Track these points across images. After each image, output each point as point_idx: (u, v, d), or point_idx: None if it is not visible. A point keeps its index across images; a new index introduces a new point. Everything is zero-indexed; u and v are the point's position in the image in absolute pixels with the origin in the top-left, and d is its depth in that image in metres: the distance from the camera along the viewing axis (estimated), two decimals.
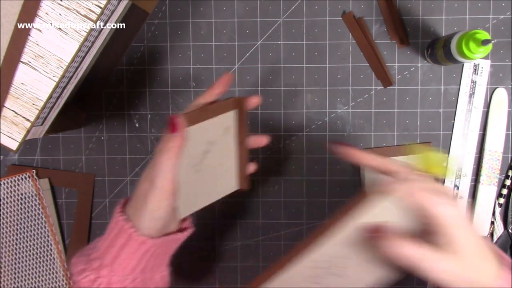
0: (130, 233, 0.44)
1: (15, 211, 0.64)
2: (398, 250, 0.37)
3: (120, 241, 0.45)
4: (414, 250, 0.37)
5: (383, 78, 0.62)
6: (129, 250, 0.44)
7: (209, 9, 0.62)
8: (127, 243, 0.44)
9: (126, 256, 0.44)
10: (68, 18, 0.47)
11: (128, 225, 0.44)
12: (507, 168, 0.62)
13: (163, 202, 0.44)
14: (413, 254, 0.37)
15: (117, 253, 0.45)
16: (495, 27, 0.61)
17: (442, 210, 0.37)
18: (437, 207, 0.37)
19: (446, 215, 0.37)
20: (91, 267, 0.45)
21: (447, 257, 0.37)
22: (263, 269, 0.57)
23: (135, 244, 0.44)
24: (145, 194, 0.44)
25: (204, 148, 0.48)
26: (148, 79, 0.63)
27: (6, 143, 0.50)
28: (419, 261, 0.37)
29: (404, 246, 0.37)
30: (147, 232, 0.44)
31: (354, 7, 0.62)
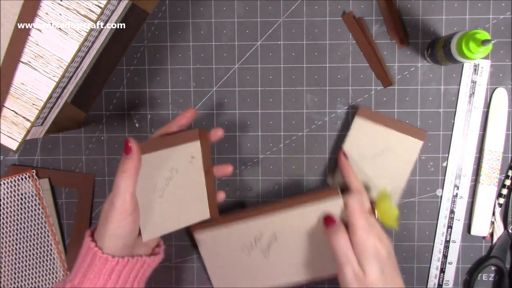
0: (95, 251, 0.46)
1: (15, 211, 0.64)
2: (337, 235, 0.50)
3: (87, 261, 0.47)
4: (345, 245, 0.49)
5: (383, 78, 0.62)
6: (95, 269, 0.46)
7: (209, 9, 0.62)
8: (93, 262, 0.46)
9: (93, 275, 0.46)
10: (68, 18, 0.47)
11: (93, 244, 0.47)
12: (507, 168, 0.62)
13: (123, 221, 0.46)
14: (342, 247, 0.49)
15: (84, 273, 0.47)
16: (495, 27, 0.61)
17: (359, 234, 0.50)
18: (357, 227, 0.50)
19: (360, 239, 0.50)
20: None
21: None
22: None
23: (100, 262, 0.46)
24: (107, 214, 0.47)
25: (168, 175, 0.51)
26: (148, 79, 0.63)
27: (6, 143, 0.50)
28: (340, 254, 0.49)
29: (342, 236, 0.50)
30: (110, 251, 0.46)
31: (354, 7, 0.62)
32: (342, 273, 0.49)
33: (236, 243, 0.57)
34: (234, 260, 0.57)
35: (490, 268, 0.63)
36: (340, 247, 0.49)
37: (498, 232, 0.63)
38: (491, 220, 0.63)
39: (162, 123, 0.64)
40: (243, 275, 0.57)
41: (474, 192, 0.63)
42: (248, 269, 0.57)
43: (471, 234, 0.63)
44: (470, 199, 0.63)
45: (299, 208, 0.54)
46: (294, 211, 0.54)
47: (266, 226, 0.55)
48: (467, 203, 0.63)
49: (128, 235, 0.47)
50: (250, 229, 0.56)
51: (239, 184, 0.64)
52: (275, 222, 0.55)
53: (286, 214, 0.54)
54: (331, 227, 0.51)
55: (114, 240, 0.46)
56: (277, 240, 0.55)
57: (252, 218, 0.56)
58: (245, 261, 0.57)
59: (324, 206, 0.53)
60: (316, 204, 0.53)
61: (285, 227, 0.55)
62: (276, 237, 0.55)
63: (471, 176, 0.62)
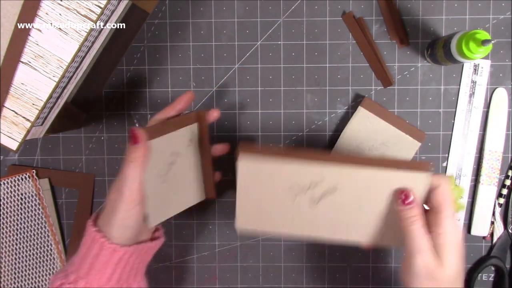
0: (101, 242, 0.45)
1: (15, 211, 0.64)
2: (414, 218, 0.45)
3: (93, 252, 0.46)
4: (420, 231, 0.44)
5: (383, 78, 0.62)
6: (103, 260, 0.45)
7: (209, 9, 0.62)
8: (99, 252, 0.45)
9: (100, 266, 0.46)
10: (68, 18, 0.47)
11: (100, 234, 0.46)
12: (507, 168, 0.62)
13: (131, 211, 0.45)
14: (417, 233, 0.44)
15: (91, 264, 0.46)
16: (495, 27, 0.61)
17: (450, 216, 0.45)
18: (449, 210, 0.45)
19: (449, 223, 0.44)
20: (68, 281, 0.46)
21: (431, 258, 0.44)
22: (264, 268, 0.58)
23: (107, 252, 0.45)
24: (114, 204, 0.46)
25: (170, 160, 0.50)
26: (148, 79, 0.63)
27: (6, 143, 0.50)
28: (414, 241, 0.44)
29: (418, 220, 0.45)
30: (118, 241, 0.46)
31: (354, 7, 0.62)
32: (410, 262, 0.44)
33: (286, 182, 0.49)
34: (274, 200, 0.50)
35: (490, 268, 0.63)
36: (414, 232, 0.44)
37: (498, 232, 0.63)
38: (491, 220, 0.63)
39: None
40: (276, 218, 0.51)
41: (474, 192, 0.63)
42: (286, 213, 0.51)
43: (471, 234, 0.63)
44: (470, 199, 0.63)
45: (376, 170, 0.47)
46: (370, 171, 0.47)
47: (330, 175, 0.48)
48: (467, 203, 0.63)
49: (135, 224, 0.46)
50: (310, 172, 0.48)
51: None
52: (342, 175, 0.48)
53: (359, 171, 0.47)
54: (407, 206, 0.45)
55: (122, 230, 0.46)
56: (335, 193, 0.49)
57: (318, 162, 0.48)
58: (286, 204, 0.50)
59: (406, 176, 0.46)
60: (397, 172, 0.46)
61: (352, 184, 0.48)
62: (335, 190, 0.49)
63: (471, 176, 0.62)
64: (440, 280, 0.43)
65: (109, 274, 0.46)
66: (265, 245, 0.65)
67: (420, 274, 0.44)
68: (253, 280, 0.65)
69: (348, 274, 0.64)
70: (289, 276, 0.65)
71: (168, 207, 0.52)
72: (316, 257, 0.64)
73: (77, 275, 0.46)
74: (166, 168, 0.50)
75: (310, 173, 0.48)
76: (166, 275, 0.65)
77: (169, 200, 0.52)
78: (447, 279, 0.43)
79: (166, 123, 0.50)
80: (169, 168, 0.51)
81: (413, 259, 0.44)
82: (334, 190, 0.49)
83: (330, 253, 0.64)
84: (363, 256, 0.64)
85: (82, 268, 0.46)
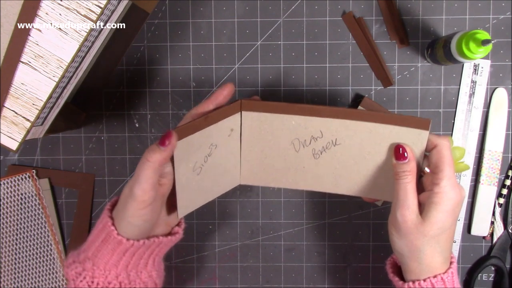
0: (109, 230, 0.45)
1: (15, 211, 0.64)
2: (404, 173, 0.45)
3: (101, 236, 0.46)
4: (408, 186, 0.45)
5: (383, 78, 0.62)
6: (108, 247, 0.45)
7: (209, 9, 0.62)
8: (106, 239, 0.46)
9: (106, 251, 0.46)
10: (68, 18, 0.47)
11: (110, 222, 0.46)
12: (507, 168, 0.62)
13: (140, 211, 0.45)
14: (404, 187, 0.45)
15: (98, 247, 0.46)
16: (495, 27, 0.61)
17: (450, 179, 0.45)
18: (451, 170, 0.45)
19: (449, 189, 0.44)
20: (78, 259, 0.47)
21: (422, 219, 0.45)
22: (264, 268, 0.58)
23: (114, 241, 0.45)
24: (125, 200, 0.45)
25: (207, 152, 0.48)
26: (148, 79, 0.63)
27: (6, 143, 0.50)
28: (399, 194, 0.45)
29: (409, 176, 0.45)
30: (126, 235, 0.45)
31: (354, 7, 0.62)
32: (395, 215, 0.46)
33: (287, 136, 0.50)
34: (277, 153, 0.51)
35: (490, 268, 0.63)
36: (402, 186, 0.45)
37: (498, 232, 0.63)
38: (491, 220, 0.63)
39: (162, 123, 0.64)
40: (279, 172, 0.52)
41: (474, 192, 0.63)
42: (289, 167, 0.51)
43: (471, 234, 0.63)
44: (470, 199, 0.63)
45: (376, 124, 0.47)
46: (369, 125, 0.47)
47: (331, 129, 0.49)
48: (467, 203, 0.63)
49: (144, 224, 0.46)
50: (311, 126, 0.49)
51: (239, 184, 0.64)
52: (342, 128, 0.48)
53: (359, 125, 0.48)
54: (402, 161, 0.46)
55: (131, 227, 0.45)
56: (335, 147, 0.49)
57: (318, 116, 0.48)
58: (289, 157, 0.51)
59: (404, 132, 0.46)
60: (397, 127, 0.46)
61: (351, 138, 0.48)
62: (336, 144, 0.49)
63: (471, 176, 0.62)
64: (419, 235, 0.45)
65: (115, 260, 0.46)
66: (265, 245, 0.65)
67: (400, 228, 0.45)
68: (253, 280, 0.65)
69: (348, 274, 0.64)
70: (289, 276, 0.65)
71: (200, 197, 0.51)
72: (316, 257, 0.65)
73: (85, 255, 0.46)
74: (202, 161, 0.48)
75: (311, 126, 0.49)
76: (166, 275, 0.65)
77: (201, 190, 0.50)
78: (428, 234, 0.44)
79: (208, 117, 0.47)
80: (205, 160, 0.48)
81: (395, 213, 0.45)
82: (334, 144, 0.49)
83: (330, 253, 0.64)
84: (363, 256, 0.64)
85: (90, 249, 0.46)
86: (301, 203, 0.64)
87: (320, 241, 0.64)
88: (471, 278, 0.63)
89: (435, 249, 0.45)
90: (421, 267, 0.45)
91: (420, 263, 0.45)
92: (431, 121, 0.45)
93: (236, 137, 0.51)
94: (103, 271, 0.46)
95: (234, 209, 0.64)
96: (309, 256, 0.65)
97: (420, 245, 0.45)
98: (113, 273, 0.46)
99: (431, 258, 0.45)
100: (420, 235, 0.45)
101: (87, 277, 0.46)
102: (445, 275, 0.45)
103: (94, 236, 0.47)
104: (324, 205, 0.64)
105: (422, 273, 0.45)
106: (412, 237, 0.45)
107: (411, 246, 0.45)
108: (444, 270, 0.46)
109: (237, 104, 0.49)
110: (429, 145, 0.46)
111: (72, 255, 0.48)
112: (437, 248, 0.45)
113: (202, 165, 0.48)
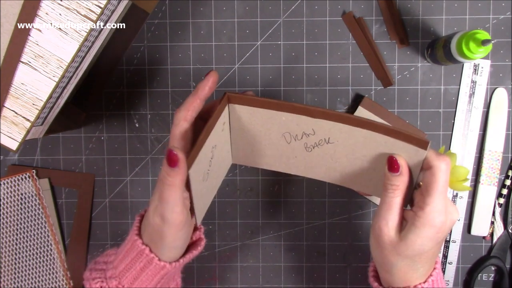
0: (150, 258, 0.44)
1: (15, 211, 0.64)
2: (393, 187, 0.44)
3: (139, 265, 0.44)
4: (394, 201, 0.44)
5: (383, 78, 0.62)
6: (149, 273, 0.45)
7: (209, 9, 0.62)
8: (147, 266, 0.44)
9: (146, 278, 0.45)
10: (68, 18, 0.47)
11: (147, 249, 0.44)
12: (507, 168, 0.62)
13: (179, 234, 0.43)
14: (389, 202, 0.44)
15: (136, 276, 0.45)
16: (495, 27, 0.61)
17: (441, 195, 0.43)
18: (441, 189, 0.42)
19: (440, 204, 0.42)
20: (105, 275, 0.46)
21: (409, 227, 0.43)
22: (264, 268, 0.58)
23: (156, 268, 0.44)
24: (159, 229, 0.43)
25: (210, 156, 0.47)
26: (148, 79, 0.63)
27: (6, 143, 0.50)
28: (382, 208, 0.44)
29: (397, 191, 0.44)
30: (168, 259, 0.45)
31: (354, 7, 0.62)
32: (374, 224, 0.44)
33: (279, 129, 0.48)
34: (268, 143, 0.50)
35: (490, 268, 0.63)
36: (388, 200, 0.44)
37: (498, 232, 0.63)
38: (491, 220, 0.63)
39: (162, 123, 0.64)
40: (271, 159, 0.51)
41: (474, 192, 0.63)
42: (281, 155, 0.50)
43: (471, 234, 0.63)
44: (470, 199, 0.63)
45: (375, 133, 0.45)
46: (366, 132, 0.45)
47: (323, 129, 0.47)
48: (467, 203, 0.63)
49: (184, 243, 0.45)
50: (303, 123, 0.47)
51: (239, 184, 0.64)
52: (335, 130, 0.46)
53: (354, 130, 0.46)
54: (394, 174, 0.44)
55: (174, 251, 0.44)
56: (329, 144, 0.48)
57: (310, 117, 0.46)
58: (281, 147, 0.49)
59: (402, 146, 0.44)
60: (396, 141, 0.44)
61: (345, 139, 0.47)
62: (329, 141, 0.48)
63: (471, 176, 0.62)
64: (394, 252, 0.43)
65: (154, 284, 0.45)
66: (265, 245, 0.65)
67: (377, 239, 0.44)
68: (253, 280, 0.65)
69: (348, 274, 0.64)
70: (289, 276, 0.65)
71: (208, 197, 0.51)
72: (316, 257, 0.64)
73: (119, 281, 0.45)
74: (208, 167, 0.47)
75: (302, 124, 0.47)
76: None
77: (208, 191, 0.50)
78: (403, 254, 0.43)
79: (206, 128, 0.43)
80: (209, 164, 0.47)
81: (375, 223, 0.44)
82: (327, 142, 0.48)
83: (330, 253, 0.64)
84: (363, 256, 0.64)
85: (126, 277, 0.45)
86: (301, 203, 0.64)
87: (320, 241, 0.64)
88: (471, 278, 0.63)
89: (410, 266, 0.44)
90: (393, 279, 0.44)
91: (393, 275, 0.44)
92: (430, 143, 0.43)
93: (227, 130, 0.50)
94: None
95: (234, 209, 0.64)
96: (309, 256, 0.65)
97: (394, 260, 0.43)
98: None
99: (405, 273, 0.44)
100: (394, 252, 0.43)
101: None
102: (425, 284, 0.44)
103: (128, 263, 0.45)
104: (324, 205, 0.64)
105: (395, 283, 0.45)
106: (387, 252, 0.44)
107: (384, 259, 0.44)
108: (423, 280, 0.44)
109: (224, 99, 0.47)
110: (426, 164, 0.43)
111: (95, 277, 0.46)
112: (412, 266, 0.44)
113: (208, 170, 0.48)
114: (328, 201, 0.64)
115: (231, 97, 0.47)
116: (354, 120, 0.45)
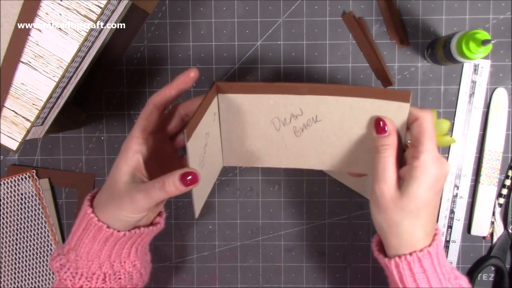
0: (90, 218, 0.45)
1: (15, 211, 0.64)
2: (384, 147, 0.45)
3: (82, 225, 0.46)
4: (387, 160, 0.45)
5: (383, 78, 0.62)
6: (90, 234, 0.45)
7: (209, 9, 0.62)
8: (87, 227, 0.46)
9: (88, 240, 0.46)
10: (68, 18, 0.47)
11: (90, 210, 0.46)
12: (507, 168, 0.62)
13: (136, 215, 0.45)
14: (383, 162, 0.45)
15: (80, 236, 0.46)
16: (495, 27, 0.61)
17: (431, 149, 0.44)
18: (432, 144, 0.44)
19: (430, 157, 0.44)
20: (63, 251, 0.47)
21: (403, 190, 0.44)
22: (264, 268, 0.58)
23: (94, 229, 0.45)
24: (121, 199, 0.45)
25: (204, 143, 0.48)
26: (148, 79, 0.63)
27: (6, 143, 0.50)
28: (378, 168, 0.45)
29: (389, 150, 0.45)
30: (112, 227, 0.45)
31: (354, 7, 0.62)
32: (374, 189, 0.45)
33: (267, 115, 0.49)
34: (258, 133, 0.50)
35: (490, 268, 0.64)
36: (381, 160, 0.45)
37: (498, 232, 0.63)
38: (491, 220, 0.63)
39: None
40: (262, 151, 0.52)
41: (474, 192, 0.63)
42: (271, 146, 0.51)
43: (471, 234, 0.63)
44: (470, 199, 0.63)
45: (356, 98, 0.46)
46: (349, 100, 0.46)
47: (310, 106, 0.48)
48: (467, 203, 0.63)
49: (136, 221, 0.46)
50: (290, 104, 0.48)
51: (239, 184, 0.64)
52: (322, 104, 0.47)
53: (339, 100, 0.47)
54: (382, 135, 0.45)
55: (121, 223, 0.45)
56: (317, 123, 0.49)
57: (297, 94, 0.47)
58: (271, 136, 0.50)
59: (386, 105, 0.45)
60: (377, 101, 0.45)
61: (332, 113, 0.48)
62: (317, 120, 0.48)
63: (471, 176, 0.62)
64: (397, 209, 0.44)
65: (97, 249, 0.46)
66: (265, 245, 0.65)
67: (378, 202, 0.45)
68: (253, 280, 0.65)
69: (348, 274, 0.64)
70: (289, 276, 0.65)
71: (205, 190, 0.51)
72: (316, 257, 0.65)
73: (69, 246, 0.47)
74: (203, 153, 0.48)
75: (289, 104, 0.48)
76: (166, 275, 0.65)
77: (204, 183, 0.50)
78: (407, 209, 0.44)
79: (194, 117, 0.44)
80: (204, 151, 0.48)
81: (374, 187, 0.45)
82: (315, 121, 0.49)
83: (330, 253, 0.64)
84: (363, 256, 0.64)
85: (73, 240, 0.47)
86: (301, 203, 0.64)
87: (320, 241, 0.64)
88: (471, 278, 0.63)
89: (415, 224, 0.44)
90: (400, 241, 0.45)
91: (399, 237, 0.45)
92: (411, 93, 0.44)
93: (218, 120, 0.51)
94: (86, 261, 0.46)
95: (234, 209, 0.64)
96: (309, 256, 0.65)
97: (398, 219, 0.44)
98: (96, 263, 0.46)
99: (411, 232, 0.44)
100: (398, 209, 0.44)
101: (71, 268, 0.46)
102: (431, 248, 0.45)
103: (76, 226, 0.47)
104: (324, 205, 0.64)
105: (401, 247, 0.45)
106: (390, 211, 0.44)
107: (389, 221, 0.45)
108: (428, 244, 0.45)
109: (213, 88, 0.48)
110: (411, 118, 0.45)
111: (57, 248, 0.48)
112: (417, 223, 0.44)
113: (203, 156, 0.48)
114: (328, 201, 0.64)
115: (219, 86, 0.48)
116: (337, 89, 0.47)
